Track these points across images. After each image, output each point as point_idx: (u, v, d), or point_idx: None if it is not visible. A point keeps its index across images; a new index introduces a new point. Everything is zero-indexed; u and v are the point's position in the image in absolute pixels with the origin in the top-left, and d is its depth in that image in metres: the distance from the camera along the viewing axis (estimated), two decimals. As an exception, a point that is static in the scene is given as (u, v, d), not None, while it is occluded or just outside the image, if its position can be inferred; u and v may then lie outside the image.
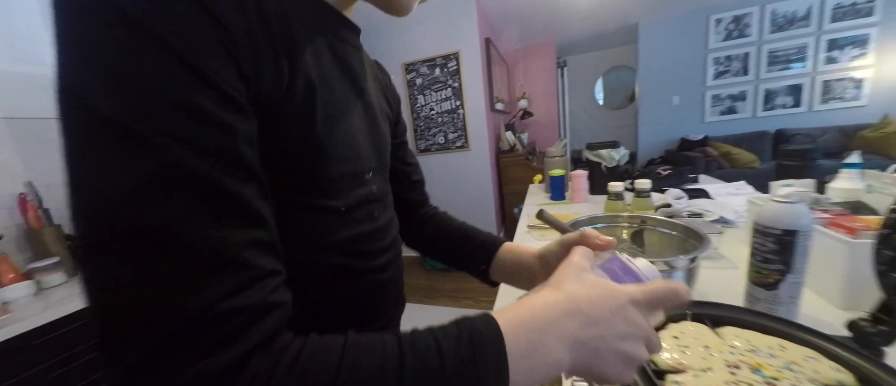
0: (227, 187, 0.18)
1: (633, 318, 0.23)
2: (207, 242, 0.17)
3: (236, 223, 0.18)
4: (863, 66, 3.29)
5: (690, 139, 3.74)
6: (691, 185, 1.29)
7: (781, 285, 0.50)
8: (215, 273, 0.17)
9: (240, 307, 0.17)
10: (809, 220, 0.48)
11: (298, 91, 0.24)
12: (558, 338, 0.22)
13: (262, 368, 0.17)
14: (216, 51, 0.18)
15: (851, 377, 0.29)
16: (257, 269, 0.18)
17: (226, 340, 0.16)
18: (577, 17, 3.37)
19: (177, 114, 0.16)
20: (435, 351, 0.19)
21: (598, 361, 0.22)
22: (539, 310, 0.23)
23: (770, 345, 0.33)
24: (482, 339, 0.20)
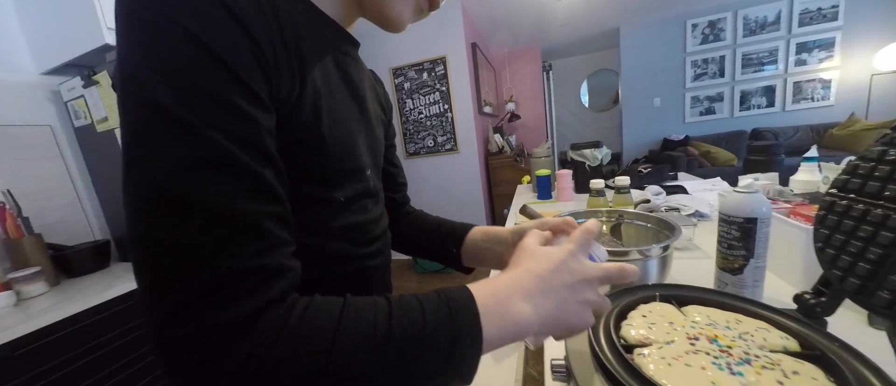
0: (254, 170, 0.22)
1: (577, 267, 0.28)
2: (239, 213, 0.20)
3: (260, 199, 0.22)
4: (830, 67, 3.48)
5: (672, 139, 3.87)
6: (670, 182, 1.35)
7: (746, 270, 0.54)
8: (245, 238, 0.20)
9: (263, 266, 0.21)
10: (768, 208, 0.52)
11: (307, 99, 0.28)
12: (522, 298, 0.25)
13: (278, 315, 0.20)
14: (250, 61, 0.22)
15: (795, 343, 0.32)
16: (276, 237, 0.22)
17: (251, 292, 0.20)
18: (560, 23, 3.46)
19: (219, 109, 0.21)
20: (418, 309, 0.23)
21: (561, 312, 0.26)
22: (502, 281, 0.27)
23: (728, 319, 0.36)
24: (458, 301, 0.24)
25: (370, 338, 0.21)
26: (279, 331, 0.20)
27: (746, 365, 0.29)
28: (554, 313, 0.26)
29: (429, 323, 0.22)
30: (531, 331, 0.25)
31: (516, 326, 0.24)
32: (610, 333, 0.35)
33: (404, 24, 0.36)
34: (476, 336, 0.23)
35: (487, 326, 0.23)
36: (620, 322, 0.38)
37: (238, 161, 0.21)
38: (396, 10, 0.34)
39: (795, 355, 0.31)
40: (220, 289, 0.19)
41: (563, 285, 0.27)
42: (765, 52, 3.63)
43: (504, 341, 0.24)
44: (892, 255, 0.28)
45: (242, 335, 0.19)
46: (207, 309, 0.19)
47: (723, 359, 0.30)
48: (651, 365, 0.30)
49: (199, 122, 0.20)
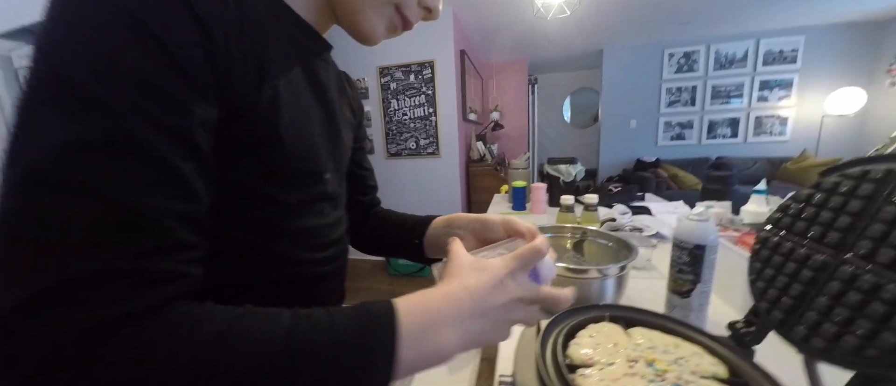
0: (170, 161, 0.19)
1: (511, 286, 0.28)
2: (135, 205, 0.18)
3: (168, 194, 0.20)
4: (787, 106, 3.77)
5: (645, 160, 4.05)
6: (637, 203, 1.41)
7: (693, 294, 0.57)
8: (132, 233, 0.18)
9: (145, 269, 0.18)
10: (715, 236, 0.55)
11: (266, 95, 0.27)
12: (450, 328, 0.24)
13: (149, 325, 0.18)
14: (194, 48, 0.21)
15: (725, 370, 0.34)
16: (175, 237, 0.20)
17: (121, 296, 0.17)
18: (548, 39, 3.56)
19: (144, 93, 0.19)
20: (327, 325, 0.21)
21: (484, 336, 0.26)
22: (436, 300, 0.25)
23: (667, 343, 0.37)
24: (376, 319, 0.22)
25: (263, 356, 0.18)
26: (146, 344, 0.17)
27: (677, 390, 0.31)
28: (478, 335, 0.26)
29: (337, 340, 0.20)
30: (451, 357, 0.24)
31: (437, 354, 0.23)
32: (556, 352, 0.35)
33: (376, 40, 0.36)
34: (386, 364, 0.21)
35: (405, 352, 0.22)
36: (569, 341, 0.38)
37: (152, 149, 0.19)
38: (368, 25, 0.34)
39: (723, 381, 0.32)
40: (82, 287, 0.16)
41: (496, 306, 0.26)
42: (732, 86, 3.88)
43: (419, 368, 0.23)
44: (810, 292, 0.30)
45: (96, 344, 0.16)
46: (57, 310, 0.16)
47: (657, 383, 0.31)
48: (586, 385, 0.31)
49: (116, 103, 0.18)
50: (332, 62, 0.43)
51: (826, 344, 0.27)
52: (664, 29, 3.53)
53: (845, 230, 0.29)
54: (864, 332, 0.25)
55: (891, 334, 0.24)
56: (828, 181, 0.31)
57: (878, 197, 0.27)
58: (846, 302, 0.27)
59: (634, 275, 0.80)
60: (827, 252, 0.30)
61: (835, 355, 0.27)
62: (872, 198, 0.28)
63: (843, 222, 0.29)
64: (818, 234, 0.30)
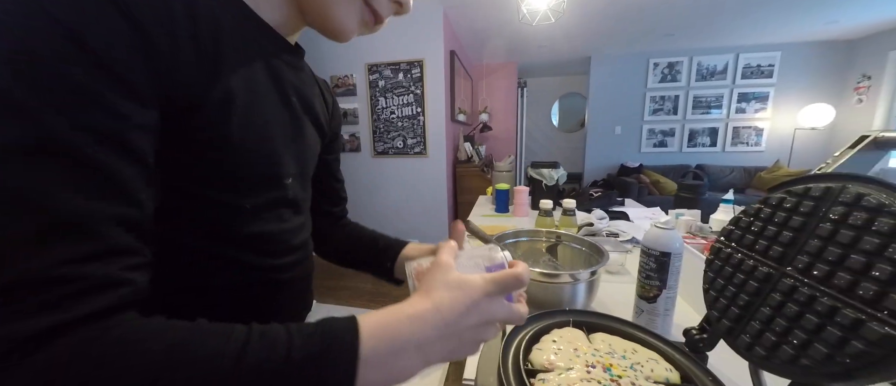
0: (105, 165, 0.19)
1: (486, 308, 0.26)
2: (66, 210, 0.17)
3: (106, 198, 0.19)
4: (763, 118, 3.93)
5: (628, 166, 4.15)
6: (616, 208, 1.44)
7: (659, 299, 0.58)
8: (65, 238, 0.17)
9: (82, 275, 0.17)
10: (680, 244, 0.57)
11: (216, 96, 0.26)
12: (416, 349, 0.23)
13: (84, 338, 0.17)
14: (128, 49, 0.20)
15: (677, 375, 0.35)
16: (113, 243, 0.19)
17: (50, 306, 0.16)
18: (537, 44, 3.60)
19: (73, 96, 0.18)
20: (284, 343, 0.20)
21: (454, 350, 0.25)
22: (406, 319, 0.24)
23: (625, 348, 0.38)
24: (336, 338, 0.21)
25: (209, 377, 0.17)
26: (81, 358, 0.16)
27: (629, 395, 0.32)
28: (446, 355, 0.25)
29: (293, 359, 0.19)
30: (413, 377, 0.24)
31: (400, 375, 0.23)
32: (518, 357, 0.36)
33: (348, 36, 0.35)
34: (348, 383, 0.20)
35: (366, 374, 0.21)
36: (532, 346, 0.39)
37: (84, 153, 0.18)
38: (338, 20, 0.33)
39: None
40: (9, 296, 0.16)
41: (468, 326, 0.25)
42: (712, 97, 4.02)
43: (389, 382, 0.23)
44: (755, 303, 0.31)
45: (25, 355, 0.15)
46: None
47: (610, 389, 0.32)
48: (547, 392, 0.32)
49: (41, 107, 0.17)
50: (306, 67, 0.42)
51: (766, 353, 0.29)
52: (649, 39, 3.62)
53: (787, 245, 0.30)
54: (798, 342, 0.26)
55: (822, 345, 0.25)
56: (774, 197, 0.33)
57: (816, 214, 0.29)
58: (785, 313, 0.28)
59: (609, 279, 0.82)
60: (770, 265, 0.31)
61: (773, 364, 0.28)
62: (812, 215, 0.29)
63: (785, 237, 0.30)
64: (763, 247, 0.32)
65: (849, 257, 0.25)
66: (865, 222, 0.25)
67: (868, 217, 0.25)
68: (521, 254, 0.77)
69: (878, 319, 0.23)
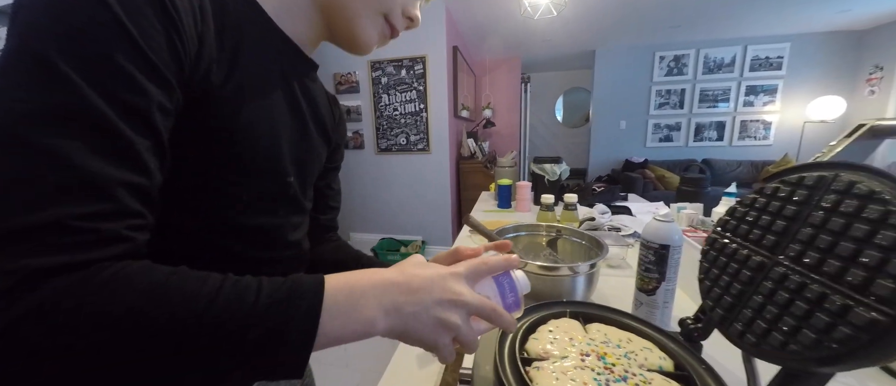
0: (123, 134, 0.21)
1: (453, 286, 0.27)
2: (88, 171, 0.19)
3: (120, 164, 0.21)
4: (771, 111, 3.86)
5: (633, 161, 4.11)
6: (619, 203, 1.44)
7: (657, 291, 0.59)
8: (82, 195, 0.19)
9: (93, 229, 0.19)
10: (679, 237, 0.57)
11: (230, 88, 0.29)
12: (377, 302, 0.25)
13: (84, 274, 0.19)
14: (159, 33, 0.22)
15: (671, 363, 0.36)
16: (123, 205, 0.21)
17: (65, 249, 0.18)
18: (541, 38, 3.57)
19: (107, 72, 0.20)
20: (254, 288, 0.22)
21: (415, 323, 0.25)
22: (368, 277, 0.26)
23: (621, 338, 0.39)
24: (302, 287, 0.23)
25: (187, 310, 0.20)
26: (76, 294, 0.18)
27: (622, 382, 0.32)
28: (407, 319, 0.25)
29: (261, 302, 0.21)
30: (376, 333, 0.25)
31: (360, 326, 0.24)
32: (514, 347, 0.37)
33: (370, 48, 0.39)
34: (309, 329, 0.22)
35: (329, 322, 0.23)
36: (528, 335, 0.40)
37: (109, 123, 0.20)
38: (366, 35, 0.37)
39: (668, 375, 0.34)
40: (21, 237, 0.18)
41: (430, 297, 0.26)
42: (719, 91, 3.95)
43: (343, 339, 0.24)
44: (748, 291, 0.32)
45: (27, 289, 0.17)
46: (4, 253, 0.17)
47: (604, 375, 0.33)
48: (541, 379, 0.32)
49: (78, 78, 0.19)
50: (318, 81, 0.46)
51: (756, 340, 0.29)
52: (655, 32, 3.57)
53: (780, 234, 0.30)
54: (788, 329, 0.27)
55: (810, 331, 0.25)
56: (770, 186, 0.33)
57: (809, 202, 0.29)
58: (776, 301, 0.29)
59: (610, 273, 0.83)
60: (763, 254, 0.31)
61: (763, 351, 0.29)
62: (805, 203, 0.29)
63: (779, 226, 0.31)
64: (757, 237, 0.32)
65: (839, 244, 0.25)
66: (856, 210, 0.25)
67: (859, 204, 0.25)
68: (521, 248, 0.77)
69: (865, 304, 0.23)
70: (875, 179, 0.25)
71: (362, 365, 1.67)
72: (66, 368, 0.18)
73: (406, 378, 0.51)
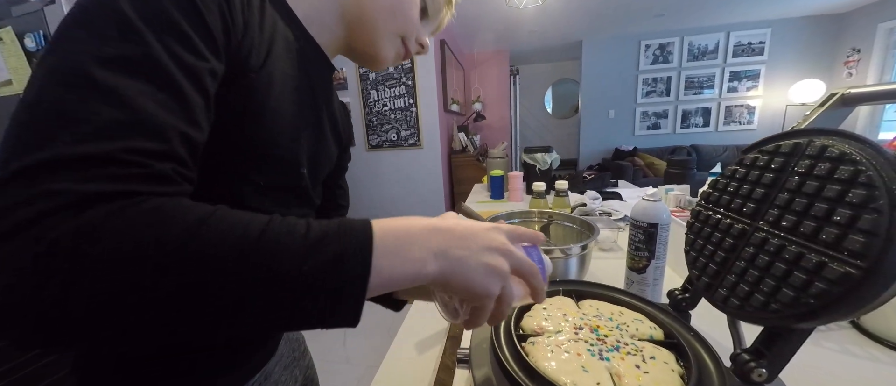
0: (183, 91, 0.23)
1: (497, 237, 0.27)
2: (148, 114, 0.21)
3: (177, 116, 0.22)
4: (755, 96, 3.95)
5: (623, 149, 4.17)
6: (609, 189, 1.46)
7: (648, 269, 0.60)
8: (143, 135, 0.20)
9: (144, 163, 0.20)
10: (667, 215, 0.58)
11: (264, 75, 0.30)
12: (426, 244, 0.24)
13: (133, 202, 0.19)
14: (215, 9, 0.25)
15: (661, 333, 0.37)
16: (176, 150, 0.22)
17: (120, 178, 0.19)
18: (528, 30, 3.57)
19: (173, 35, 0.23)
20: (303, 223, 0.21)
21: (464, 268, 0.24)
22: (412, 222, 0.25)
23: (613, 311, 0.40)
24: (350, 224, 0.22)
25: (235, 242, 0.19)
26: (129, 217, 0.18)
27: (615, 352, 0.33)
28: (454, 268, 0.24)
29: (311, 234, 0.21)
30: (427, 276, 0.23)
31: (411, 267, 0.23)
32: (509, 324, 0.37)
33: (386, 66, 0.43)
34: (363, 261, 0.21)
35: (381, 259, 0.22)
36: (523, 314, 0.41)
37: (171, 77, 0.22)
38: (385, 53, 0.41)
39: (658, 343, 0.35)
40: (84, 163, 0.18)
41: (477, 246, 0.25)
42: (704, 77, 4.02)
43: (395, 280, 0.22)
44: (730, 258, 0.33)
45: (80, 211, 0.17)
46: (51, 177, 0.18)
47: (597, 346, 0.34)
48: (536, 353, 0.33)
49: (148, 36, 0.21)
50: (332, 84, 0.47)
51: (740, 302, 0.30)
52: (640, 20, 3.60)
53: (759, 201, 0.32)
54: (768, 289, 0.28)
55: (789, 290, 0.27)
56: (748, 157, 0.34)
57: (786, 169, 0.30)
58: (757, 265, 0.30)
59: (601, 256, 0.84)
60: (744, 222, 0.33)
61: (746, 312, 0.30)
62: (782, 170, 0.31)
63: (758, 194, 0.32)
64: (737, 206, 0.33)
65: (814, 206, 0.27)
66: (828, 172, 0.26)
67: (831, 167, 0.26)
68: (514, 234, 0.78)
69: (839, 259, 0.24)
70: (845, 142, 0.27)
71: (364, 361, 1.67)
72: (110, 297, 0.17)
73: (406, 363, 0.51)
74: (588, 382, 0.30)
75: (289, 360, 0.50)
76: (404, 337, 0.57)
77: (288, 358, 0.50)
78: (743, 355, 0.29)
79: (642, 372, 0.31)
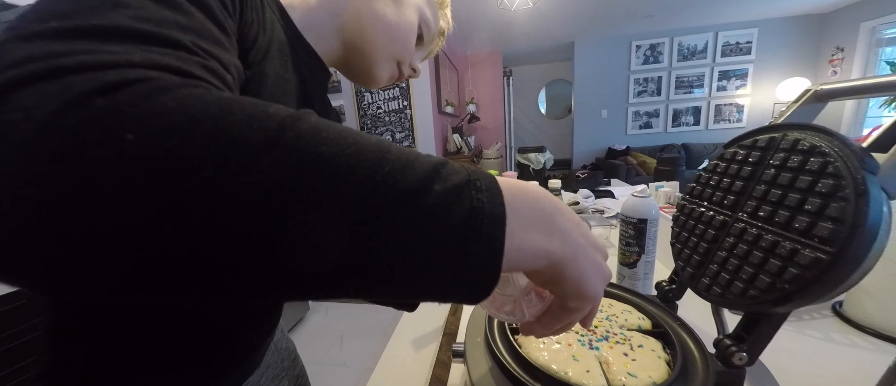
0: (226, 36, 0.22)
1: (589, 233, 0.22)
2: (209, 29, 0.20)
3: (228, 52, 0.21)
4: (743, 94, 4.02)
5: (616, 149, 4.22)
6: (602, 187, 1.48)
7: (638, 264, 0.62)
8: (207, 39, 0.19)
9: (214, 68, 0.18)
10: (656, 211, 0.60)
11: (257, 74, 0.30)
12: (551, 216, 0.19)
13: (195, 83, 0.15)
14: (230, 2, 0.24)
15: (649, 323, 0.38)
16: (232, 78, 0.21)
17: (189, 62, 0.16)
18: (521, 32, 3.61)
19: None
20: (412, 150, 0.17)
21: (581, 260, 0.20)
22: (529, 184, 0.20)
23: (603, 303, 0.41)
24: (473, 169, 0.18)
25: (337, 132, 0.15)
26: (201, 90, 0.14)
27: (604, 341, 0.34)
28: (574, 254, 0.19)
29: (427, 159, 0.16)
30: (554, 246, 0.18)
31: (542, 240, 0.18)
32: (503, 317, 0.38)
33: (380, 84, 0.44)
34: (499, 201, 0.16)
35: (513, 220, 0.16)
36: (516, 308, 0.42)
37: (214, 14, 0.21)
38: (379, 74, 0.42)
39: (646, 332, 0.36)
40: (147, 39, 0.15)
41: (588, 239, 0.21)
42: (694, 77, 4.09)
43: (526, 253, 0.17)
44: (713, 248, 0.34)
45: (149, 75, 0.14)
46: (114, 44, 0.14)
47: (587, 336, 0.35)
48: (528, 344, 0.34)
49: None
50: (327, 88, 0.47)
51: (721, 290, 0.32)
52: (631, 21, 3.66)
53: (738, 193, 0.33)
54: (747, 277, 0.29)
55: (765, 275, 0.28)
56: (729, 152, 0.36)
57: (763, 162, 0.32)
58: (737, 254, 0.31)
59: (593, 253, 0.85)
60: (725, 213, 0.34)
61: (727, 300, 0.31)
62: (759, 163, 0.32)
63: (737, 186, 0.33)
64: (719, 198, 0.35)
65: (787, 196, 0.28)
66: (800, 164, 0.28)
67: (802, 159, 0.28)
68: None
69: (810, 245, 0.25)
70: (816, 135, 0.28)
71: (361, 363, 1.67)
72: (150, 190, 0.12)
73: (403, 360, 0.52)
74: (578, 370, 0.31)
75: (277, 370, 0.47)
76: (401, 335, 0.57)
77: (276, 368, 0.47)
78: (725, 341, 0.30)
79: (630, 360, 0.32)
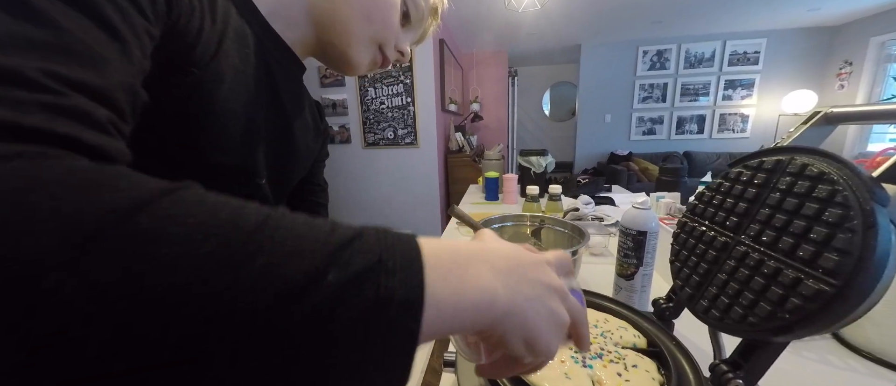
0: (125, 37, 0.19)
1: (551, 274, 0.20)
2: (82, 42, 0.17)
3: (123, 61, 0.19)
4: (748, 105, 4.00)
5: (618, 154, 4.20)
6: (602, 194, 1.47)
7: (636, 276, 0.61)
8: (70, 58, 0.16)
9: (65, 93, 0.15)
10: (656, 223, 0.59)
11: (211, 74, 0.28)
12: (490, 267, 0.17)
13: (43, 158, 0.12)
14: None
15: (644, 341, 0.37)
16: (115, 96, 0.18)
17: (23, 107, 0.13)
18: (527, 32, 3.58)
19: None
20: (325, 221, 0.15)
21: (530, 311, 0.18)
22: (462, 244, 0.18)
23: (598, 318, 0.41)
24: (388, 231, 0.16)
25: (226, 219, 0.13)
26: (33, 166, 0.12)
27: (598, 359, 0.34)
28: (524, 305, 0.18)
29: (338, 233, 0.14)
30: (497, 309, 0.17)
31: (479, 294, 0.16)
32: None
33: (360, 71, 0.41)
34: (415, 282, 0.14)
35: (438, 282, 0.15)
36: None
37: (106, 17, 0.18)
38: (357, 57, 0.38)
39: (641, 351, 0.36)
40: None
41: (531, 279, 0.19)
42: (700, 85, 4.07)
43: (461, 314, 0.15)
44: (713, 270, 0.34)
45: None
46: None
47: (580, 353, 0.34)
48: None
49: None
50: (305, 88, 0.45)
51: (720, 315, 0.31)
52: (638, 27, 3.63)
53: (742, 215, 0.32)
54: (747, 303, 0.29)
55: (766, 304, 0.27)
56: (733, 171, 0.35)
57: (768, 185, 0.31)
58: (737, 278, 0.31)
59: (593, 261, 0.85)
60: (727, 235, 0.33)
61: (726, 324, 0.31)
62: (764, 186, 0.31)
63: (741, 208, 0.32)
64: (721, 219, 0.34)
65: (792, 223, 0.27)
66: (807, 190, 0.27)
67: (810, 185, 0.27)
68: (506, 238, 0.78)
69: (814, 276, 0.25)
70: (825, 161, 0.27)
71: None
72: None
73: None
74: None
75: None
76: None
77: None
78: (721, 366, 0.29)
79: (623, 380, 0.31)
